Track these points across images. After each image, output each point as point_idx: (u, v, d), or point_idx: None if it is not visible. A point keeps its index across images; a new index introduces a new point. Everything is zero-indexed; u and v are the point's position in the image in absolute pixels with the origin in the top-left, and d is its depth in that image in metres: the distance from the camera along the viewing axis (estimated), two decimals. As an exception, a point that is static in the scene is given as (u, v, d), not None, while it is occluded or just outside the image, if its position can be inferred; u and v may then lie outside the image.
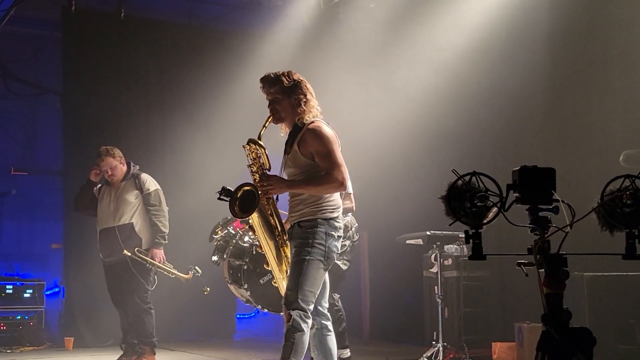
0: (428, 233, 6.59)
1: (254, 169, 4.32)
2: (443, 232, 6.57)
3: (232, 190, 4.25)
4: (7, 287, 8.60)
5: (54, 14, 9.35)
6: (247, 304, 6.11)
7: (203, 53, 9.34)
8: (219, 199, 4.35)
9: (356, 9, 8.99)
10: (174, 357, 7.82)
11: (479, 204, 2.40)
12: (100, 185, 6.78)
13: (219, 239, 6.14)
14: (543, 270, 2.44)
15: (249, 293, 5.62)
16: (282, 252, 4.37)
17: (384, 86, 8.55)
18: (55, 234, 9.78)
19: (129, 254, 6.45)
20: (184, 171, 8.98)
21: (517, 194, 2.48)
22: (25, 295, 8.65)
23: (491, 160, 7.33)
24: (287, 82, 4.29)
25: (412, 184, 8.18)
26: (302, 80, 4.34)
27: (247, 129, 8.88)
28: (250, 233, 5.54)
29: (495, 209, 2.43)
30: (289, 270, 4.29)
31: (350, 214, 5.99)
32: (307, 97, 4.31)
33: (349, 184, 6.00)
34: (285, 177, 4.37)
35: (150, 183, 6.73)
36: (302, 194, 4.27)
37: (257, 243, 5.53)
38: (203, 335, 9.25)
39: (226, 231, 6.16)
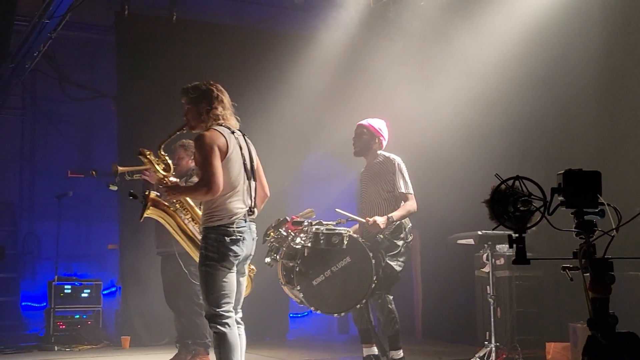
0: (479, 233, 6.52)
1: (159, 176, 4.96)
2: (495, 231, 6.48)
3: (137, 194, 5.04)
4: (66, 287, 8.85)
5: (107, 19, 9.56)
6: (301, 305, 6.12)
7: (254, 55, 9.39)
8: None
9: (406, 7, 8.93)
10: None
11: (522, 208, 2.38)
12: None
13: (271, 240, 6.17)
14: (589, 274, 2.41)
15: (302, 295, 5.64)
16: None
17: (435, 85, 8.48)
18: (111, 234, 9.95)
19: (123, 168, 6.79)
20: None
21: (561, 198, 2.45)
22: (83, 295, 8.89)
23: (542, 159, 7.22)
24: (192, 93, 4.59)
25: (463, 183, 8.11)
26: (211, 89, 4.59)
27: (296, 130, 9.04)
28: (302, 235, 5.59)
29: (539, 213, 2.40)
30: None
31: None
32: (213, 105, 4.54)
33: (405, 183, 5.96)
34: None
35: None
36: (205, 206, 4.48)
37: (308, 245, 5.59)
38: (257, 335, 9.28)
39: (278, 233, 6.17)
